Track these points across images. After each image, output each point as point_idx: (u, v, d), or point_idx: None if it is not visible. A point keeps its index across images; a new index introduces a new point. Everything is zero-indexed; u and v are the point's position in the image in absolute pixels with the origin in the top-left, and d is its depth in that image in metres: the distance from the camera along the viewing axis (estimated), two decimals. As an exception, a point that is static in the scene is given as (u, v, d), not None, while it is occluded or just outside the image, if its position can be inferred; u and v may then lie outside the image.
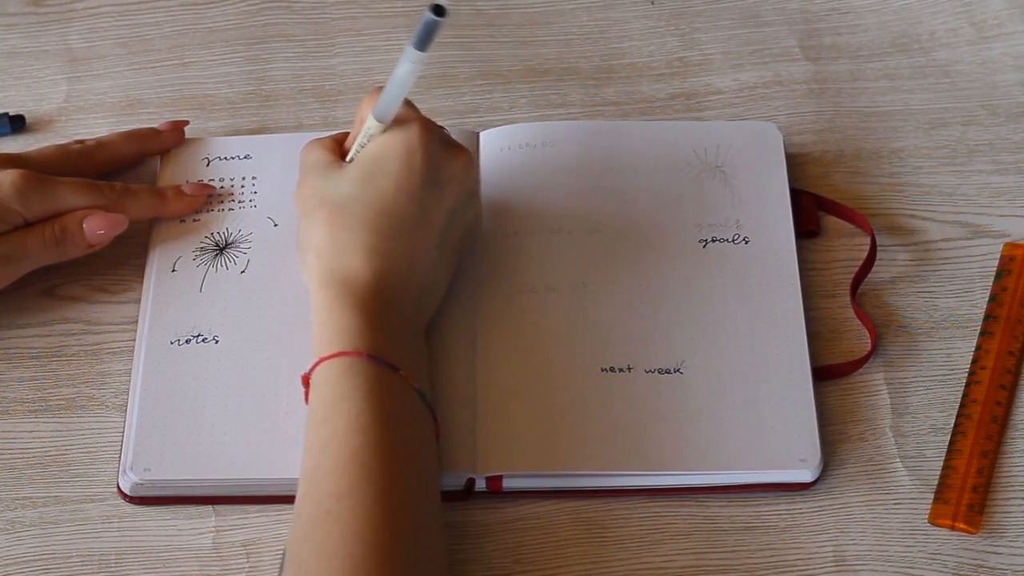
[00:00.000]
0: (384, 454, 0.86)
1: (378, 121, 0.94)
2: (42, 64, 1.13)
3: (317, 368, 0.89)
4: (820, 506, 0.93)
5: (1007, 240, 1.04)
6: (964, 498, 0.93)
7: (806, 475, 0.93)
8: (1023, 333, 0.99)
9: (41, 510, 0.94)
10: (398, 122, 0.94)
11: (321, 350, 0.90)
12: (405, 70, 0.92)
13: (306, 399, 0.90)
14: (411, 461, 0.87)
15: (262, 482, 0.93)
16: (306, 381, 0.90)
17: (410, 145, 0.94)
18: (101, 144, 1.05)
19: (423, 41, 0.90)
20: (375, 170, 0.94)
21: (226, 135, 1.09)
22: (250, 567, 0.92)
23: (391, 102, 0.93)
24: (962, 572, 0.91)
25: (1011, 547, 0.92)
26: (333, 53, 1.14)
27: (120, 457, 0.94)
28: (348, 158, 0.96)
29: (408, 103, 0.95)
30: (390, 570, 0.82)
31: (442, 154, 0.95)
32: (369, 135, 0.95)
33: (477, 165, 1.02)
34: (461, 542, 0.92)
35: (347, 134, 0.98)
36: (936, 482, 0.94)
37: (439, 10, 0.88)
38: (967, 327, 1.00)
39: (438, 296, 0.96)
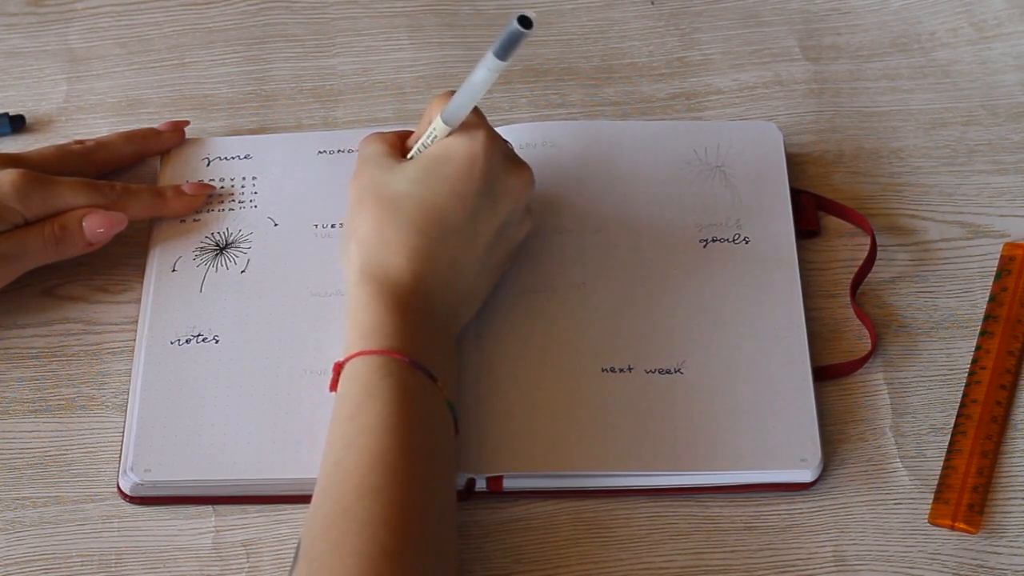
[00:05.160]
0: (408, 457, 0.86)
1: (445, 124, 0.94)
2: (42, 64, 1.13)
3: (351, 361, 0.89)
4: (820, 506, 0.93)
5: (1007, 240, 1.04)
6: (964, 498, 0.93)
7: (806, 475, 0.93)
8: (1023, 333, 0.99)
9: (41, 510, 0.94)
10: (465, 128, 0.94)
11: (355, 344, 0.90)
12: (482, 77, 0.91)
13: (331, 387, 0.90)
14: (433, 467, 0.87)
15: (262, 482, 0.93)
16: (338, 369, 0.90)
17: (472, 152, 0.93)
18: (101, 144, 1.05)
19: (505, 51, 0.89)
20: (433, 171, 0.93)
21: (226, 135, 1.09)
22: (250, 567, 0.92)
23: (462, 107, 0.93)
24: (962, 572, 0.91)
25: (1011, 547, 0.92)
26: (333, 53, 1.14)
27: (120, 457, 0.94)
28: (409, 156, 0.96)
29: (477, 112, 0.94)
30: (402, 574, 0.82)
31: (503, 167, 0.95)
32: (434, 136, 0.95)
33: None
34: (462, 542, 0.92)
35: (410, 132, 0.98)
36: (936, 482, 0.94)
37: (525, 22, 0.88)
38: (967, 327, 1.00)
39: (474, 307, 0.96)
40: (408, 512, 0.84)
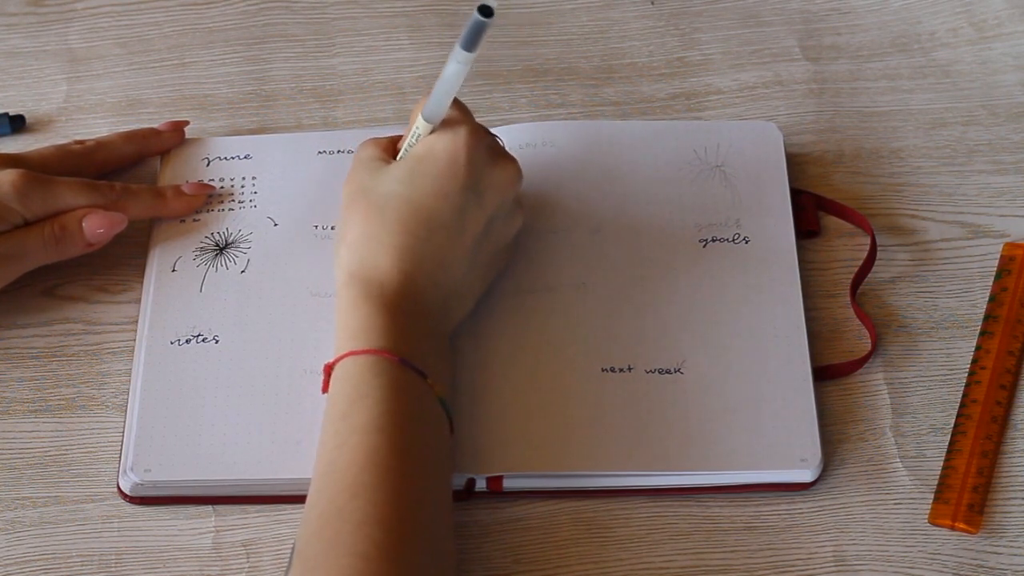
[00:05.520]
0: (401, 456, 0.86)
1: (427, 121, 0.94)
2: (42, 64, 1.13)
3: (341, 362, 0.89)
4: (820, 506, 0.93)
5: (1007, 240, 1.04)
6: (964, 498, 0.93)
7: (806, 475, 0.93)
8: (1023, 333, 0.99)
9: (41, 510, 0.94)
10: (447, 124, 0.94)
11: (345, 345, 0.90)
12: (452, 70, 0.91)
13: (323, 389, 0.90)
14: (426, 465, 0.87)
15: (262, 482, 0.93)
16: (328, 371, 0.90)
17: (455, 148, 0.93)
18: (101, 144, 1.05)
19: (470, 42, 0.89)
20: (417, 170, 0.94)
21: (226, 135, 1.09)
22: (250, 567, 0.92)
23: (439, 102, 0.93)
24: (962, 572, 0.91)
25: (1011, 547, 0.92)
26: (333, 53, 1.14)
27: (120, 457, 0.94)
28: (398, 157, 0.96)
29: (460, 106, 0.94)
30: (397, 573, 0.82)
31: (487, 161, 0.95)
32: (417, 135, 0.95)
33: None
34: (461, 542, 0.92)
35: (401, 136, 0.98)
36: (936, 482, 0.94)
37: (486, 10, 0.88)
38: (967, 327, 1.00)
39: (467, 305, 0.96)
40: (402, 511, 0.84)
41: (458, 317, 0.96)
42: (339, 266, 0.94)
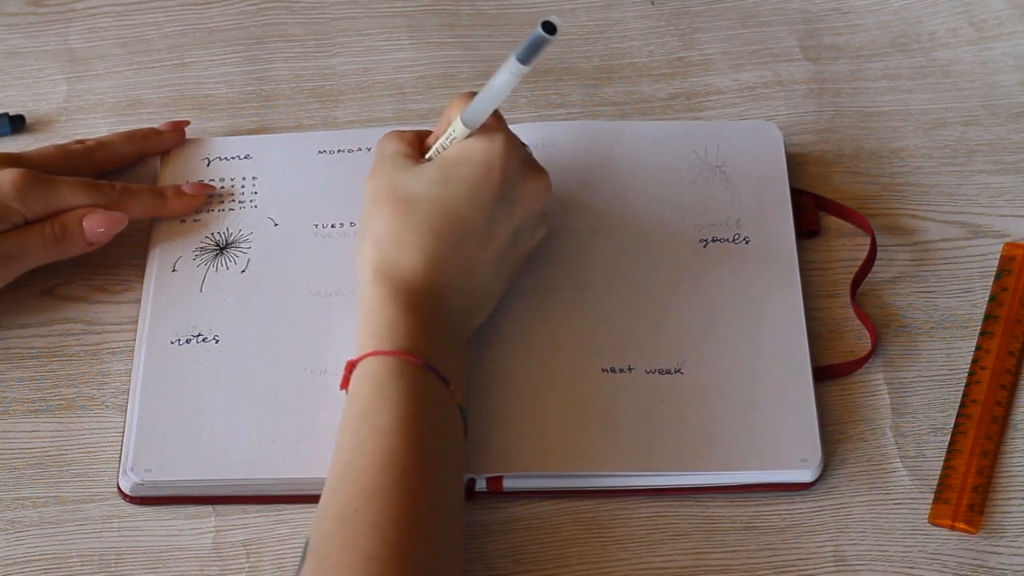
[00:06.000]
0: (420, 459, 0.85)
1: (465, 126, 0.94)
2: (42, 64, 1.14)
3: (364, 361, 0.89)
4: (820, 506, 0.93)
5: (1007, 240, 1.04)
6: (964, 498, 0.93)
7: (806, 475, 0.93)
8: (1023, 333, 0.99)
9: (41, 510, 0.94)
10: (484, 131, 0.93)
11: (368, 343, 0.89)
12: (504, 81, 0.90)
13: (342, 385, 0.90)
14: (443, 469, 0.87)
15: (262, 482, 0.93)
16: (350, 368, 0.90)
17: (491, 157, 0.93)
18: (101, 144, 1.05)
19: (528, 55, 0.88)
20: (452, 174, 0.93)
21: (226, 135, 1.09)
22: (250, 567, 0.92)
23: (482, 110, 0.92)
24: (962, 572, 0.91)
25: (1011, 547, 0.92)
26: (333, 53, 1.14)
27: (120, 457, 0.94)
28: (427, 156, 0.96)
29: (497, 115, 0.94)
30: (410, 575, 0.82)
31: (520, 173, 0.94)
32: (453, 138, 0.94)
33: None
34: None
35: (428, 132, 0.98)
36: (936, 482, 0.94)
37: (550, 27, 0.87)
38: (967, 327, 1.00)
39: (486, 311, 0.96)
40: (418, 514, 0.84)
41: (477, 322, 0.96)
42: (363, 261, 0.93)
